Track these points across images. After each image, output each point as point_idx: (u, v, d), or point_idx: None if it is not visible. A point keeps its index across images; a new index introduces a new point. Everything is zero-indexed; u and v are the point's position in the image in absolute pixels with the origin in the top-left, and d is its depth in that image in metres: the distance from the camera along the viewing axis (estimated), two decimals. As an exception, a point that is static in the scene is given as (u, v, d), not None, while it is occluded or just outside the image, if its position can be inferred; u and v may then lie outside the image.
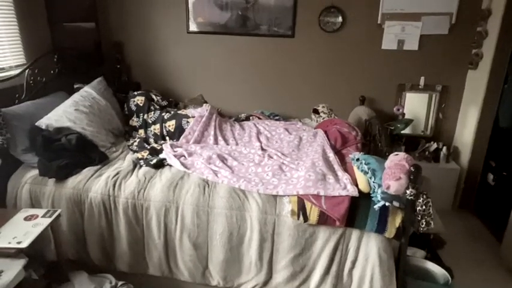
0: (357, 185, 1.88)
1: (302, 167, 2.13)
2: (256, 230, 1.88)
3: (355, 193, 1.82)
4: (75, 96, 2.55)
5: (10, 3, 2.38)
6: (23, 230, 1.63)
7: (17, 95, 2.34)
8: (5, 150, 2.10)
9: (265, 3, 3.16)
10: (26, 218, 1.72)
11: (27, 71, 2.39)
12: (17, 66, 2.44)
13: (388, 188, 1.68)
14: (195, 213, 1.93)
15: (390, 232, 1.73)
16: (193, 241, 1.96)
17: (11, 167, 2.18)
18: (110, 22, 3.37)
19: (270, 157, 2.32)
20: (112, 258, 2.10)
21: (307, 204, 1.81)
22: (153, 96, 2.99)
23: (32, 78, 2.44)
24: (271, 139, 2.64)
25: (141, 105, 2.84)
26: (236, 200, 1.93)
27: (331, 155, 2.26)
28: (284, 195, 1.91)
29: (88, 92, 2.64)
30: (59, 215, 1.79)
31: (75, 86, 2.74)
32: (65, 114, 2.35)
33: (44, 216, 1.75)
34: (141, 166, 2.24)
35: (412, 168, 1.63)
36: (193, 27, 3.33)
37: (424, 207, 1.69)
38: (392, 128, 3.03)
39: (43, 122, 2.26)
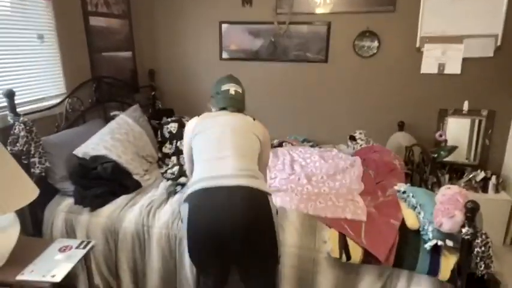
0: (403, 220, 1.74)
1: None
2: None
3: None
4: (112, 124, 2.58)
5: (54, 33, 2.46)
6: (57, 262, 1.60)
7: (56, 124, 2.39)
8: (44, 179, 2.12)
9: (298, 30, 3.14)
10: (61, 249, 1.69)
11: (67, 99, 2.45)
12: (57, 96, 2.50)
13: (440, 225, 1.54)
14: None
15: (444, 275, 1.57)
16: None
17: (48, 195, 2.19)
18: (144, 51, 3.45)
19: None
20: (143, 291, 2.04)
21: (350, 242, 1.68)
22: (186, 123, 2.98)
23: (71, 106, 2.49)
24: (305, 167, 2.55)
25: (174, 132, 2.84)
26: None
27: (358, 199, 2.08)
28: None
29: (124, 120, 2.67)
30: (93, 246, 1.76)
31: (112, 114, 2.78)
32: (101, 142, 2.36)
33: (78, 247, 1.71)
34: (175, 193, 2.19)
35: (468, 205, 1.49)
36: (225, 54, 3.35)
37: (483, 248, 1.52)
38: (435, 155, 2.86)
39: (80, 151, 2.28)
